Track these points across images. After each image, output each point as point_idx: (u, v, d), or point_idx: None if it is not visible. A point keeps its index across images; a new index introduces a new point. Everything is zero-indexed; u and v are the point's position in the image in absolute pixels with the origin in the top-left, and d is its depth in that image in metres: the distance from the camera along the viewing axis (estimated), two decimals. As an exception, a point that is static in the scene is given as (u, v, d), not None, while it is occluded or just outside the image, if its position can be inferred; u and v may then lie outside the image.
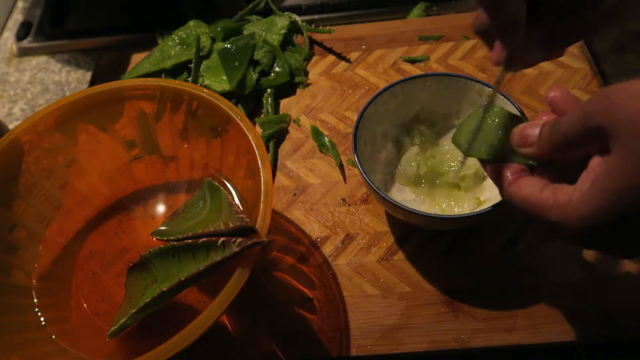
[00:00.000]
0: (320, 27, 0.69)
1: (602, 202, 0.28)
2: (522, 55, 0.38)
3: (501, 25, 0.36)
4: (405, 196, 0.51)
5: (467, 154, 0.39)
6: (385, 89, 0.50)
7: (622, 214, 0.27)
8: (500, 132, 0.37)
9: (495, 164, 0.37)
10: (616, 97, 0.27)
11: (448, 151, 0.53)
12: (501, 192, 0.36)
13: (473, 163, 0.51)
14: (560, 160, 0.34)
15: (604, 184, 0.28)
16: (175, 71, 0.66)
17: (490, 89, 0.50)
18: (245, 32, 0.67)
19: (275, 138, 0.60)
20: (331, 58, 0.67)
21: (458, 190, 0.51)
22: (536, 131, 0.34)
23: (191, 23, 0.69)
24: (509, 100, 0.47)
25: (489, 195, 0.49)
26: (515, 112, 0.46)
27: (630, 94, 0.27)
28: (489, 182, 0.51)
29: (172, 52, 0.67)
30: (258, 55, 0.65)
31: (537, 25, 0.37)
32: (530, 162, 0.35)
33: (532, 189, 0.33)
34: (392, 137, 0.54)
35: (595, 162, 0.30)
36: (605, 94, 0.28)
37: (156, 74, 0.66)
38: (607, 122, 0.28)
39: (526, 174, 0.35)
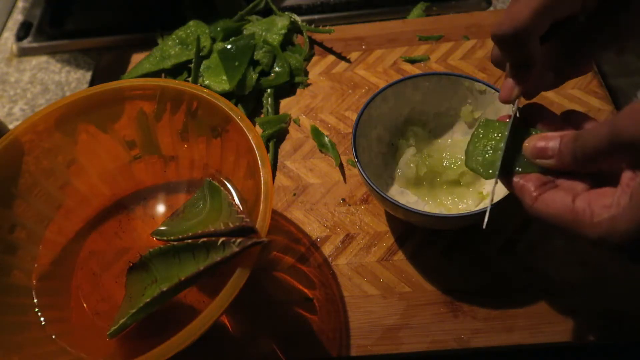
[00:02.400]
0: (320, 27, 0.69)
1: None
2: (536, 86, 0.38)
3: (517, 65, 0.37)
4: (408, 198, 0.51)
5: (486, 177, 0.38)
6: (376, 94, 0.50)
7: None
8: (510, 146, 0.37)
9: (512, 177, 0.36)
10: None
11: (444, 149, 0.53)
12: (526, 209, 0.34)
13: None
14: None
15: None
16: (175, 71, 0.66)
17: (480, 84, 0.50)
18: (245, 32, 0.67)
19: (275, 138, 0.60)
20: (331, 58, 0.67)
21: (459, 186, 0.51)
22: (554, 143, 0.34)
23: (191, 23, 0.69)
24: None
25: (491, 188, 0.49)
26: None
27: None
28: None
29: (172, 52, 0.67)
30: (258, 55, 0.65)
31: (549, 47, 0.37)
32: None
33: (563, 203, 0.32)
34: (386, 140, 0.54)
35: (628, 176, 0.30)
36: (637, 109, 0.28)
37: (156, 74, 0.66)
38: None
39: (550, 186, 0.34)
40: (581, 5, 0.35)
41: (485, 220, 0.37)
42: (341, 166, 0.57)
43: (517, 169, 0.36)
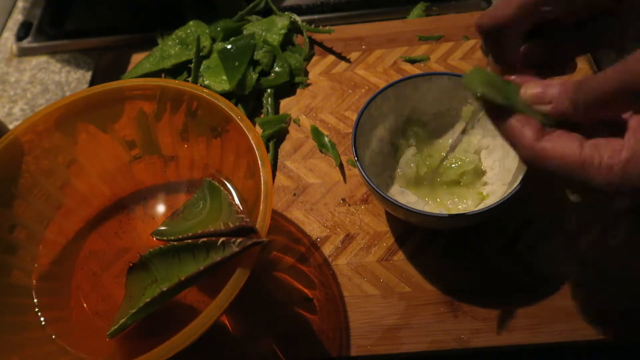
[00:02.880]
0: (320, 27, 0.69)
1: None
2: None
3: (494, 59, 0.37)
4: (408, 198, 0.51)
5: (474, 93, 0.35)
6: (377, 94, 0.50)
7: None
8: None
9: (503, 113, 0.33)
10: None
11: (444, 149, 0.53)
12: (522, 152, 0.32)
13: (472, 159, 0.51)
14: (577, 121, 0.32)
15: None
16: (175, 71, 0.66)
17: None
18: (245, 32, 0.67)
19: (275, 138, 0.60)
20: (331, 58, 0.67)
21: (459, 186, 0.51)
22: (553, 90, 0.32)
23: (191, 23, 0.69)
24: None
25: (491, 189, 0.50)
26: None
27: None
28: (489, 176, 0.51)
29: (172, 52, 0.67)
30: (258, 55, 0.65)
31: (532, 45, 0.37)
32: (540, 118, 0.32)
33: (570, 147, 0.30)
34: (387, 140, 0.54)
35: (636, 120, 0.29)
36: None
37: (156, 74, 0.66)
38: None
39: (550, 130, 0.31)
40: (571, 11, 0.35)
41: None
42: (341, 166, 0.57)
43: (508, 104, 0.33)
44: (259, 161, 0.42)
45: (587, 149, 0.29)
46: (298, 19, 0.69)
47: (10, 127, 0.66)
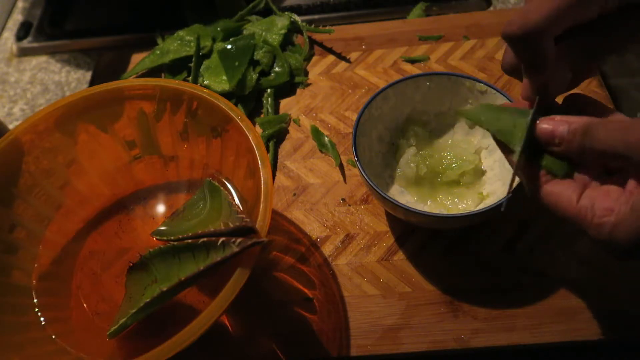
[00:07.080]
0: (320, 27, 0.69)
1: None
2: (554, 85, 0.37)
3: (528, 66, 0.36)
4: (408, 198, 0.51)
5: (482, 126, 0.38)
6: (377, 94, 0.50)
7: None
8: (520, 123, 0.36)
9: (520, 160, 0.36)
10: None
11: (444, 149, 0.53)
12: (534, 195, 0.36)
13: (472, 159, 0.51)
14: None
15: None
16: (174, 68, 0.66)
17: (481, 84, 0.50)
18: (245, 32, 0.67)
19: (275, 138, 0.60)
20: (331, 58, 0.67)
21: (459, 187, 0.51)
22: (562, 129, 0.34)
23: (194, 26, 0.69)
24: (507, 98, 0.47)
25: (491, 189, 0.50)
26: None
27: None
28: (489, 176, 0.51)
29: (171, 48, 0.67)
30: (258, 55, 0.65)
31: (563, 45, 0.36)
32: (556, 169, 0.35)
33: (568, 195, 0.33)
34: (387, 140, 0.54)
35: (633, 184, 0.31)
36: None
37: (156, 70, 0.67)
38: None
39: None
40: (600, 9, 0.34)
41: (504, 203, 0.39)
42: (341, 166, 0.57)
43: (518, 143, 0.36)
44: (259, 161, 0.42)
45: (584, 200, 0.33)
46: (298, 19, 0.69)
47: (10, 127, 0.66)
